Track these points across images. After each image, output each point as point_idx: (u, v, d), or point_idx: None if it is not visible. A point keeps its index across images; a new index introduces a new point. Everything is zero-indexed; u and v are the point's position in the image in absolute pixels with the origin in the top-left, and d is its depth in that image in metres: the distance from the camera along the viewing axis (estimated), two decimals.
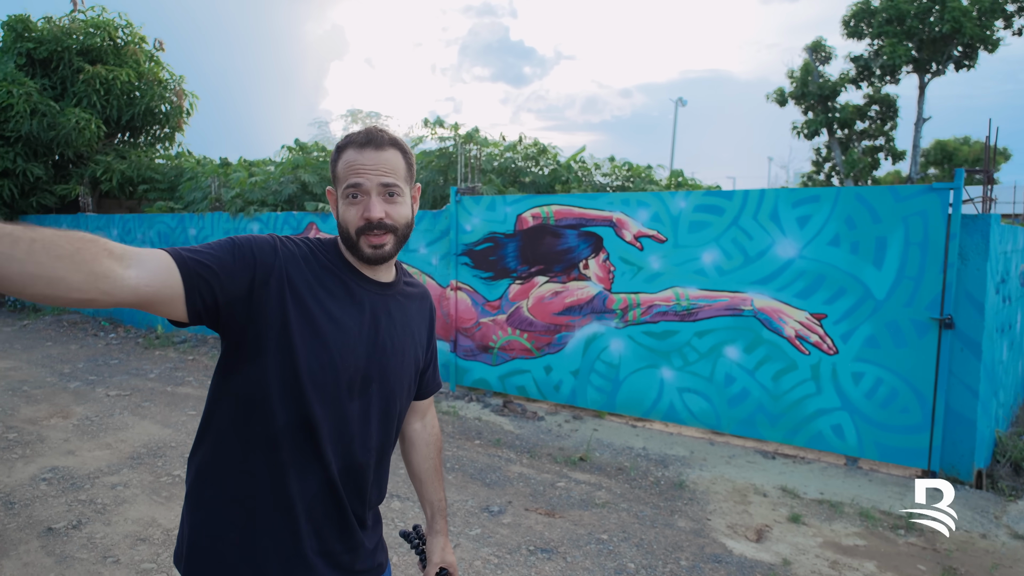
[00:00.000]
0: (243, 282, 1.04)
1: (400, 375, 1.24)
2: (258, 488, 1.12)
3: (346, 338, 1.13)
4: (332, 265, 1.16)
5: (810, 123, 17.36)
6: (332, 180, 1.20)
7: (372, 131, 1.16)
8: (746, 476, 3.99)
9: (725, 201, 4.48)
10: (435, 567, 1.36)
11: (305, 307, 1.09)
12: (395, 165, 1.15)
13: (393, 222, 1.14)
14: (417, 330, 1.31)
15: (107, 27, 12.07)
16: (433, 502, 1.42)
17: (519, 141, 8.39)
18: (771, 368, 4.33)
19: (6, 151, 10.89)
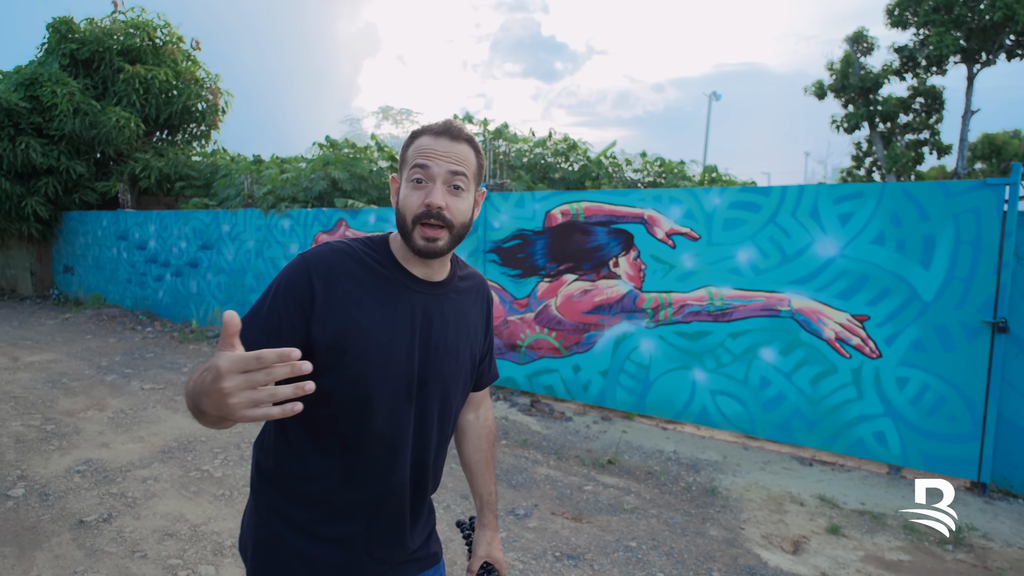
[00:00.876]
0: (299, 329, 1.08)
1: (455, 374, 1.23)
2: (322, 491, 1.15)
3: (399, 346, 1.13)
4: (382, 268, 1.16)
5: (850, 116, 16.80)
6: (399, 166, 1.17)
7: (450, 122, 1.16)
8: (782, 483, 3.84)
9: (762, 198, 4.32)
10: (479, 560, 1.33)
11: (356, 323, 1.10)
12: (466, 158, 1.13)
13: (452, 216, 1.11)
14: (473, 326, 1.28)
15: (146, 27, 12.34)
16: (483, 495, 1.40)
17: (549, 136, 8.29)
18: (809, 371, 4.17)
19: (50, 149, 11.23)
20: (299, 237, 7.63)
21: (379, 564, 1.19)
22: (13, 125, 10.96)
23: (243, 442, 4.38)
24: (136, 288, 10.28)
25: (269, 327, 1.07)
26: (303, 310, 1.08)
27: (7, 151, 10.71)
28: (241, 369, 0.77)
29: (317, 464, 1.14)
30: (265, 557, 1.17)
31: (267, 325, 1.07)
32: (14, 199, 11.07)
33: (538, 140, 8.20)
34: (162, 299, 9.76)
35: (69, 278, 12.07)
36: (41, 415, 4.87)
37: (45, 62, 11.91)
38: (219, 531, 3.13)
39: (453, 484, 3.74)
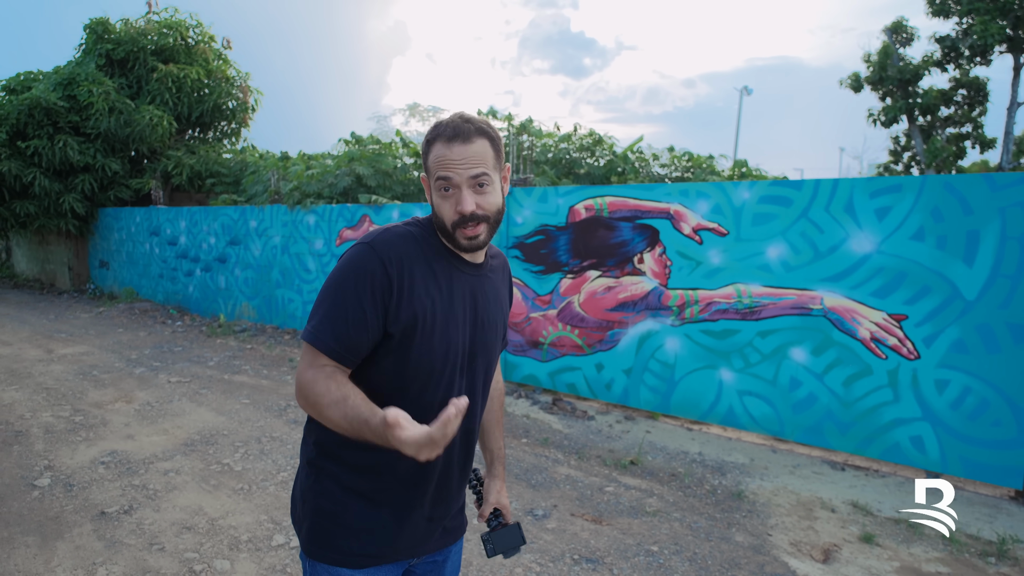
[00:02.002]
0: (381, 319, 1.15)
1: (495, 346, 1.35)
2: (387, 461, 1.21)
3: (456, 324, 1.22)
4: (437, 252, 1.23)
5: (888, 110, 16.26)
6: (424, 169, 1.25)
7: (459, 124, 1.18)
8: (812, 488, 3.69)
9: (794, 191, 4.15)
10: (490, 506, 1.47)
11: (424, 308, 1.17)
12: (483, 155, 1.18)
13: (485, 212, 1.18)
14: (503, 300, 1.40)
15: (179, 27, 12.58)
16: (493, 450, 1.54)
17: (574, 131, 8.18)
18: (842, 372, 4.00)
19: (87, 147, 11.52)
20: (324, 233, 7.67)
21: (428, 521, 1.29)
22: (52, 124, 11.27)
23: (264, 436, 4.39)
24: (167, 283, 10.48)
25: (357, 322, 1.13)
26: (384, 300, 1.14)
27: (46, 149, 11.01)
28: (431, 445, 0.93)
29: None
30: (327, 526, 1.23)
31: (355, 320, 1.13)
32: (52, 196, 11.39)
33: (563, 135, 8.09)
34: (192, 294, 9.93)
35: (104, 273, 12.38)
36: (71, 406, 4.97)
37: (82, 62, 12.22)
38: (236, 525, 3.12)
39: None
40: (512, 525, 1.47)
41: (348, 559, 1.23)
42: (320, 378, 1.12)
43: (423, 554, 1.33)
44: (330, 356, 1.14)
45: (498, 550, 1.45)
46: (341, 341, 1.13)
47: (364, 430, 1.04)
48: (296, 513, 1.30)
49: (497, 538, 1.45)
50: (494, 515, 1.48)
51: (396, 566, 1.29)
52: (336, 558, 1.23)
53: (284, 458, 4.00)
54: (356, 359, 1.17)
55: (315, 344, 1.14)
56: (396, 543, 1.26)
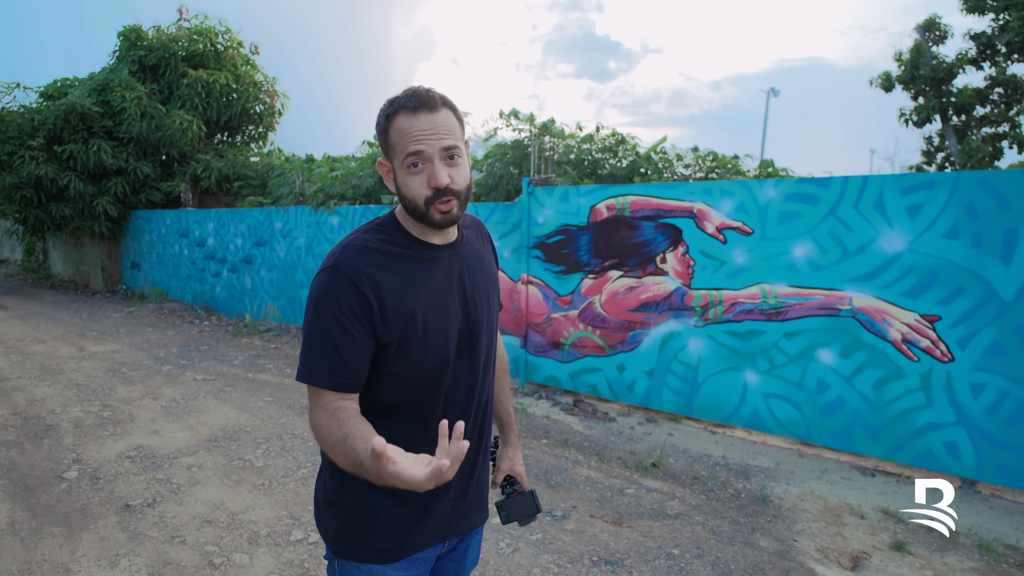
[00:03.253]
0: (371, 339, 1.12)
1: (492, 316, 1.32)
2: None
3: (448, 312, 1.19)
4: (405, 249, 1.18)
5: (920, 109, 15.85)
6: (384, 151, 1.18)
7: (421, 93, 1.12)
8: (840, 494, 3.59)
9: (821, 189, 4.06)
10: (502, 473, 1.46)
11: (410, 313, 1.13)
12: (451, 126, 1.14)
13: (457, 186, 1.14)
14: (490, 268, 1.36)
15: (209, 34, 12.84)
16: (503, 417, 1.52)
17: (596, 131, 8.12)
18: (872, 375, 3.88)
19: (120, 151, 11.81)
20: (347, 233, 7.73)
21: (455, 500, 1.28)
22: (87, 129, 11.58)
23: (285, 434, 4.42)
24: (196, 284, 10.68)
25: (348, 346, 1.09)
26: (368, 320, 1.10)
27: (81, 153, 11.32)
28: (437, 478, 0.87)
29: (401, 437, 1.15)
30: (356, 524, 1.21)
31: (345, 345, 1.09)
32: (87, 199, 11.69)
33: (585, 136, 8.04)
34: (219, 294, 10.09)
35: (136, 274, 12.66)
36: (100, 402, 5.07)
37: (116, 68, 12.54)
38: (256, 520, 3.14)
39: None
40: (527, 492, 1.44)
41: (381, 555, 1.21)
42: (323, 418, 1.09)
43: (452, 536, 1.31)
44: (331, 389, 1.11)
45: (512, 517, 1.43)
46: (337, 371, 1.10)
47: (362, 472, 1.00)
48: (321, 514, 1.27)
49: (511, 505, 1.43)
50: (508, 482, 1.46)
51: (428, 553, 1.28)
52: (368, 555, 1.21)
53: (304, 455, 4.02)
54: (359, 382, 1.13)
55: (313, 383, 1.11)
56: (427, 531, 1.24)
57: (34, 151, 11.15)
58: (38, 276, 15.48)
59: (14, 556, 2.78)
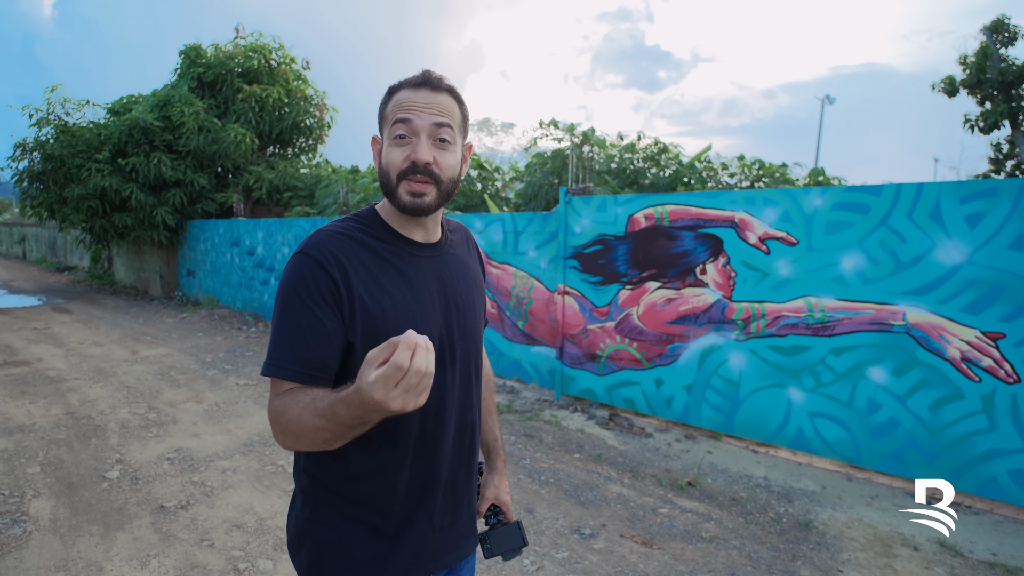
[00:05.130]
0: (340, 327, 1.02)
1: (476, 327, 1.23)
2: (384, 484, 1.10)
3: (426, 316, 1.09)
4: (382, 243, 1.10)
5: (988, 115, 15.00)
6: (379, 126, 1.11)
7: (429, 72, 1.07)
8: (892, 522, 3.35)
9: (871, 197, 3.84)
10: (487, 502, 1.35)
11: (382, 308, 1.04)
12: (450, 108, 1.07)
13: (440, 171, 1.05)
14: (475, 276, 1.27)
15: (263, 50, 13.33)
16: (488, 441, 1.41)
17: (638, 140, 8.00)
18: (928, 395, 3.63)
19: (178, 163, 12.34)
20: None
21: (439, 531, 1.18)
22: (148, 142, 12.16)
23: None
24: (245, 291, 11.02)
25: (316, 333, 0.99)
26: (337, 306, 1.01)
27: (143, 165, 11.88)
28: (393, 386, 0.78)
29: (372, 459, 1.08)
30: (330, 557, 1.12)
31: (312, 333, 0.99)
32: (147, 209, 12.25)
33: (627, 145, 7.93)
34: (267, 302, 10.37)
35: (191, 281, 13.17)
36: (147, 404, 5.25)
37: (176, 85, 13.16)
38: (282, 526, 3.16)
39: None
40: (512, 524, 1.33)
41: None
42: (284, 397, 0.99)
43: (440, 568, 1.20)
44: (297, 381, 1.00)
45: (496, 551, 1.33)
46: (303, 361, 0.99)
47: (339, 408, 0.88)
48: (293, 546, 1.18)
49: (495, 537, 1.32)
50: (492, 512, 1.36)
51: None
52: None
53: None
54: (327, 375, 1.02)
55: (276, 374, 1.00)
56: (408, 564, 1.13)
57: (100, 164, 11.77)
58: (103, 282, 16.30)
59: (52, 553, 2.87)
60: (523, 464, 4.09)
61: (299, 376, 0.99)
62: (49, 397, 5.36)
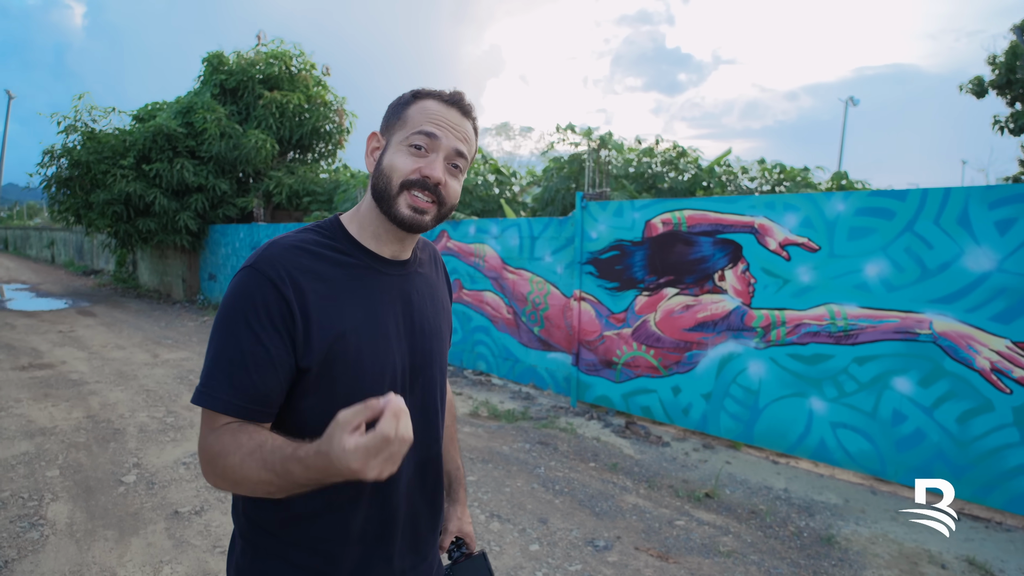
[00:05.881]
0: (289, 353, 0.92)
1: (441, 353, 1.14)
2: (333, 526, 0.99)
3: (388, 339, 1.00)
4: (346, 256, 1.00)
5: (1018, 116, 14.62)
6: (386, 125, 1.03)
7: (461, 94, 1.03)
8: (918, 538, 3.24)
9: (896, 202, 3.74)
10: (450, 536, 1.29)
11: (339, 329, 0.94)
12: (471, 139, 1.06)
13: (446, 194, 1.00)
14: (442, 296, 1.18)
15: (283, 57, 13.49)
16: (450, 471, 1.33)
17: (656, 144, 7.91)
18: (956, 407, 3.51)
19: (200, 169, 12.53)
20: None
21: (400, 574, 1.07)
22: (172, 148, 12.37)
23: None
24: None
25: (259, 362, 0.89)
26: (287, 329, 0.90)
27: (166, 171, 12.08)
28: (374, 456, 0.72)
29: (320, 496, 0.94)
30: None
31: (256, 360, 0.89)
32: (170, 214, 12.45)
33: (645, 149, 7.85)
34: None
35: (212, 285, 13.34)
36: (165, 408, 5.30)
37: (200, 92, 13.36)
38: None
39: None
40: (477, 556, 1.28)
41: None
42: (223, 436, 0.88)
43: None
44: (233, 414, 0.89)
45: None
46: (243, 392, 0.88)
47: (294, 468, 0.80)
48: None
49: (461, 572, 1.26)
50: (456, 545, 1.30)
51: None
52: None
53: None
54: (269, 410, 0.92)
55: (211, 406, 0.89)
56: None
57: (125, 170, 11.98)
58: (127, 286, 16.60)
59: (68, 557, 2.89)
60: (537, 473, 4.04)
61: (238, 410, 0.89)
62: (71, 400, 5.44)
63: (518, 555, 2.98)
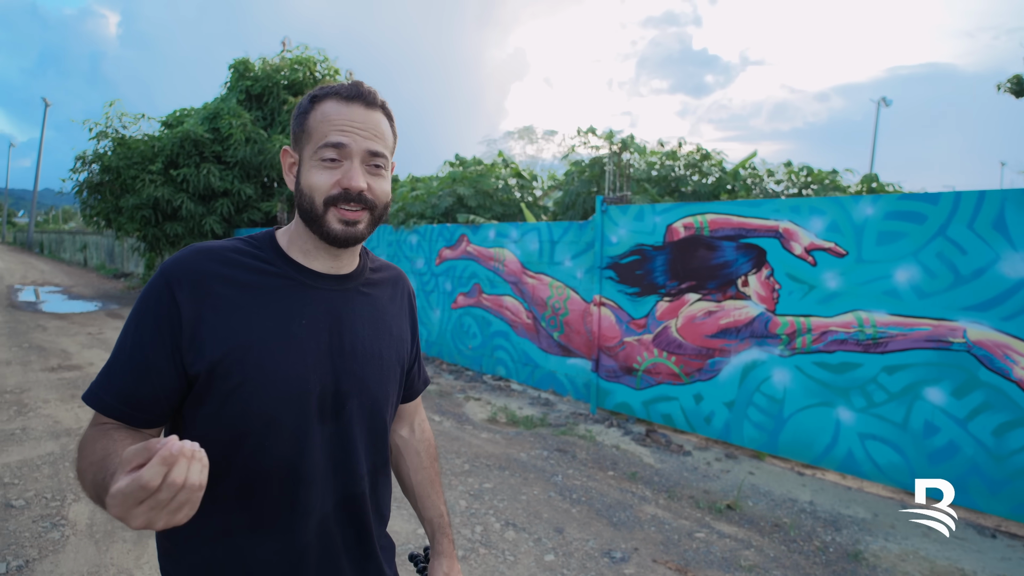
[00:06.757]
0: (172, 361, 0.88)
1: (381, 382, 1.03)
2: (229, 552, 0.93)
3: (300, 354, 0.92)
4: (268, 264, 0.95)
5: None
6: (294, 138, 0.97)
7: (361, 86, 0.95)
8: (951, 556, 3.11)
9: (928, 206, 3.61)
10: None
11: (239, 336, 0.89)
12: (384, 131, 0.96)
13: (374, 198, 0.95)
14: (396, 324, 1.08)
15: (308, 63, 13.67)
16: (432, 519, 1.21)
17: (679, 146, 7.81)
18: (991, 419, 3.37)
19: (226, 174, 12.74)
20: (425, 252, 7.85)
21: None
22: (199, 154, 12.60)
23: None
24: None
25: (136, 368, 0.87)
26: (172, 335, 0.87)
27: (193, 176, 12.30)
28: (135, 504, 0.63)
29: (215, 520, 0.91)
30: None
31: (134, 366, 0.87)
32: (196, 218, 12.67)
33: (668, 152, 7.75)
34: None
35: None
36: None
37: (226, 98, 13.60)
38: None
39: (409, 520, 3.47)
40: None
41: None
42: (92, 435, 0.85)
43: None
44: (108, 415, 0.87)
45: None
46: (121, 396, 0.87)
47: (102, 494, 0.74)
48: None
49: None
50: None
51: None
52: None
53: None
54: (145, 415, 0.88)
55: (88, 402, 0.88)
56: None
57: (153, 175, 12.23)
58: None
59: (87, 558, 2.92)
60: (555, 481, 3.98)
61: (112, 411, 0.87)
62: None
63: (532, 565, 2.92)
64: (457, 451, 4.48)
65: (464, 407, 5.75)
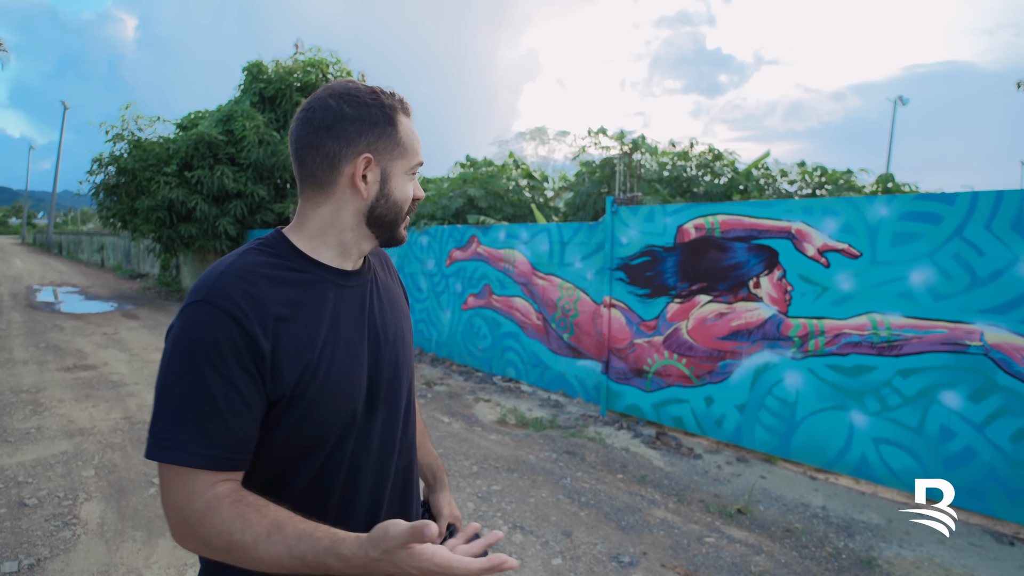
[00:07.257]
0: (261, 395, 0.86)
1: (408, 358, 1.11)
2: None
3: (355, 352, 0.96)
4: (301, 273, 0.94)
5: None
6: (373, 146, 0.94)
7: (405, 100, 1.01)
8: (968, 564, 3.04)
9: (944, 207, 3.55)
10: (446, 521, 1.30)
11: (307, 355, 0.89)
12: None
13: None
14: (399, 299, 1.17)
15: (320, 65, 13.74)
16: (429, 462, 1.34)
17: (691, 147, 7.75)
18: (1010, 424, 3.30)
19: (240, 175, 12.84)
20: (435, 253, 7.86)
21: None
22: (213, 156, 12.71)
23: None
24: None
25: (235, 407, 0.83)
26: (257, 369, 0.84)
27: (207, 178, 12.41)
28: None
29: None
30: None
31: (232, 406, 0.82)
32: (210, 219, 12.78)
33: (679, 152, 7.69)
34: None
35: None
36: None
37: (240, 100, 13.71)
38: None
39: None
40: None
41: None
42: (220, 508, 0.80)
43: None
44: (213, 468, 0.81)
45: None
46: (221, 443, 0.82)
47: (331, 562, 0.76)
48: None
49: None
50: (450, 532, 1.32)
51: None
52: None
53: None
54: (248, 456, 0.86)
55: (186, 462, 0.80)
56: None
57: (168, 177, 12.36)
58: (171, 289, 17.11)
59: (97, 557, 2.94)
60: (563, 483, 3.95)
61: (217, 462, 0.82)
62: (110, 401, 5.59)
63: (540, 569, 2.90)
64: (466, 453, 4.47)
65: (473, 408, 5.75)
